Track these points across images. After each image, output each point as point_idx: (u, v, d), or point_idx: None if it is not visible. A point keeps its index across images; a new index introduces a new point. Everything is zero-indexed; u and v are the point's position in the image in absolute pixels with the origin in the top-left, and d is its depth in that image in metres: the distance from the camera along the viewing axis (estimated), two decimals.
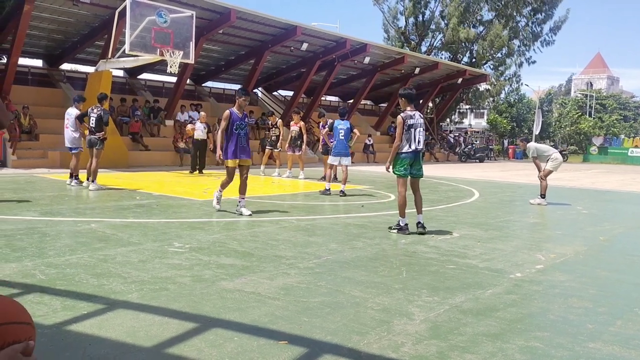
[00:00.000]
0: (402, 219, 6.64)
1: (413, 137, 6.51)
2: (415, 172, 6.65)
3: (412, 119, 6.51)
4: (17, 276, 4.14)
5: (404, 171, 6.58)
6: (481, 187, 13.43)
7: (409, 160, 6.55)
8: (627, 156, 35.04)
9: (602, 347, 3.14)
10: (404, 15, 34.69)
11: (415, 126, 6.51)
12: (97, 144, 10.32)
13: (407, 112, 6.58)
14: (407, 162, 6.54)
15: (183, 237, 5.87)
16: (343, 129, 11.06)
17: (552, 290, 4.34)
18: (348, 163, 11.01)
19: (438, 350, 3.01)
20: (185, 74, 18.82)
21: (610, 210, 10.13)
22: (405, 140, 6.52)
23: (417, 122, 6.53)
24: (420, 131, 6.55)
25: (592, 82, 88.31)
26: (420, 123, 6.57)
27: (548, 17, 35.32)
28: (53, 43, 19.20)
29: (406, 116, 6.52)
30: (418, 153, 6.57)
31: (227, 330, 3.19)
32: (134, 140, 18.13)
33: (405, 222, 6.63)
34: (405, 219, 6.63)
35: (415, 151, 6.54)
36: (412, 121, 6.51)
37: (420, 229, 6.55)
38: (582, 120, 48.49)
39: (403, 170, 6.58)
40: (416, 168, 6.64)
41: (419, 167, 6.65)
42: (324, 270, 4.68)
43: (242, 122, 7.61)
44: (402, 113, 6.60)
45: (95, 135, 10.32)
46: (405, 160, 6.55)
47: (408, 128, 6.49)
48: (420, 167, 6.67)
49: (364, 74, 26.53)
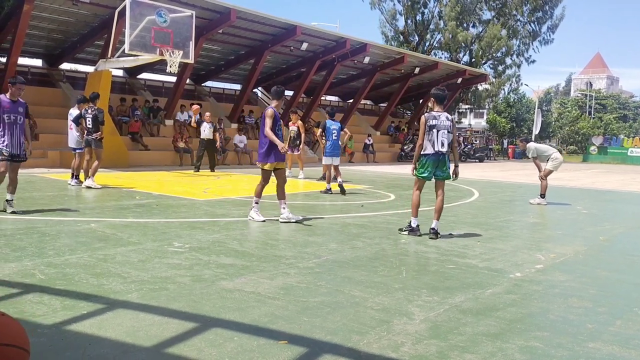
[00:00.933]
0: (414, 219, 6.51)
1: (435, 139, 6.30)
2: (440, 174, 6.42)
3: (435, 120, 6.31)
4: (16, 276, 4.14)
5: (425, 173, 6.42)
6: (481, 187, 13.42)
7: (431, 163, 6.35)
8: (627, 156, 35.05)
9: (602, 347, 3.14)
10: (402, 16, 34.72)
11: (438, 127, 6.30)
12: (94, 144, 10.37)
13: (431, 112, 6.42)
14: (429, 164, 6.36)
15: (183, 237, 5.87)
16: (336, 129, 11.19)
17: (552, 290, 4.34)
18: (338, 162, 11.13)
19: (438, 350, 3.00)
20: (185, 73, 18.81)
21: (610, 210, 10.13)
22: (428, 141, 6.33)
23: (442, 123, 6.31)
24: (444, 133, 6.30)
25: (591, 82, 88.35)
26: (446, 125, 6.33)
27: (547, 17, 35.38)
28: (53, 43, 19.19)
29: (429, 117, 6.34)
30: (441, 155, 6.33)
31: (227, 330, 3.19)
32: (134, 140, 18.13)
33: (417, 222, 6.51)
34: (416, 219, 6.51)
35: (437, 153, 6.31)
36: (435, 122, 6.30)
37: (432, 235, 6.32)
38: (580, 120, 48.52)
39: (424, 172, 6.42)
40: (441, 170, 6.40)
41: (443, 168, 6.40)
42: (323, 270, 4.68)
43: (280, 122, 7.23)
44: (426, 113, 6.43)
45: (92, 135, 10.36)
46: (427, 163, 6.37)
47: (429, 129, 6.30)
48: (445, 169, 6.40)
49: (363, 73, 26.52)
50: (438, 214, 6.42)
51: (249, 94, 23.06)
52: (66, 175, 11.49)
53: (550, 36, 36.22)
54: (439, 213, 6.43)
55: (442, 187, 6.53)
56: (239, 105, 22.45)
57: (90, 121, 10.39)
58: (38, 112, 17.18)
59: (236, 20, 17.61)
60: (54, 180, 11.89)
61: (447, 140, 6.35)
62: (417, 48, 33.83)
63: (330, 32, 22.53)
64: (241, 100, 22.42)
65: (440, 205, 6.45)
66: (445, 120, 6.36)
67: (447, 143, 6.36)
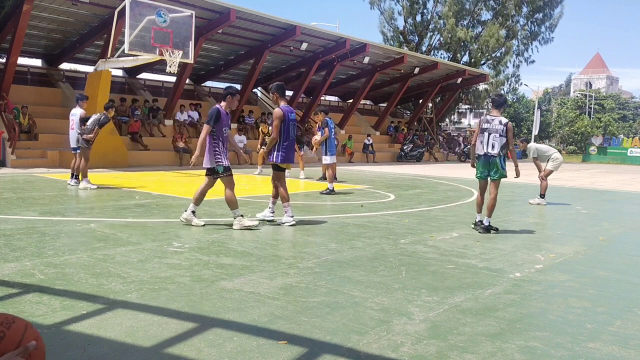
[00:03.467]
0: (478, 215, 7.01)
1: (486, 141, 6.73)
2: (492, 174, 6.85)
3: (487, 124, 6.76)
4: (16, 276, 4.14)
5: (478, 173, 6.95)
6: None
7: (482, 164, 6.85)
8: (627, 156, 35.06)
9: (602, 347, 3.14)
10: (402, 16, 34.73)
11: (490, 131, 6.72)
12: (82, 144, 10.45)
13: (486, 116, 6.85)
14: (480, 164, 6.87)
15: (182, 237, 5.87)
16: (333, 128, 11.33)
17: (552, 290, 4.34)
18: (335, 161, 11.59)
19: (437, 350, 3.00)
20: (184, 73, 18.82)
21: (610, 210, 10.13)
22: (479, 142, 6.80)
23: (493, 127, 6.74)
24: (495, 136, 6.72)
25: (591, 82, 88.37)
26: (497, 129, 6.70)
27: (547, 17, 35.39)
28: (52, 43, 19.19)
29: (483, 120, 6.82)
30: (490, 157, 6.76)
31: (226, 330, 3.19)
32: (134, 140, 18.13)
33: (479, 218, 6.96)
34: (479, 215, 6.97)
35: (486, 155, 6.76)
36: (487, 125, 6.75)
37: (479, 230, 6.81)
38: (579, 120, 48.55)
39: (476, 172, 6.97)
40: (493, 171, 6.83)
41: (495, 169, 6.82)
42: (323, 270, 4.68)
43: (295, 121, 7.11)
44: (482, 116, 6.94)
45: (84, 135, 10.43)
46: (479, 163, 6.89)
47: (482, 131, 6.75)
48: (496, 170, 6.81)
49: (363, 73, 26.53)
50: (489, 211, 6.85)
51: (248, 94, 23.06)
52: (66, 175, 11.49)
53: (549, 35, 36.25)
54: (490, 210, 6.85)
55: (495, 187, 6.94)
56: (238, 105, 22.45)
57: (90, 122, 10.43)
58: (37, 112, 17.22)
59: (236, 20, 17.61)
60: (54, 180, 11.89)
61: (498, 143, 6.73)
62: (416, 48, 33.83)
63: (330, 32, 22.53)
64: (241, 100, 22.41)
65: (491, 204, 6.85)
66: (498, 124, 6.74)
67: (498, 146, 6.73)
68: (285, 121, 6.84)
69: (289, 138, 6.91)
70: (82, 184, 10.30)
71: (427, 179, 15.59)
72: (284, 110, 6.83)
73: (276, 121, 6.79)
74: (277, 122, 6.79)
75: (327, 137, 11.48)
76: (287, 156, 6.93)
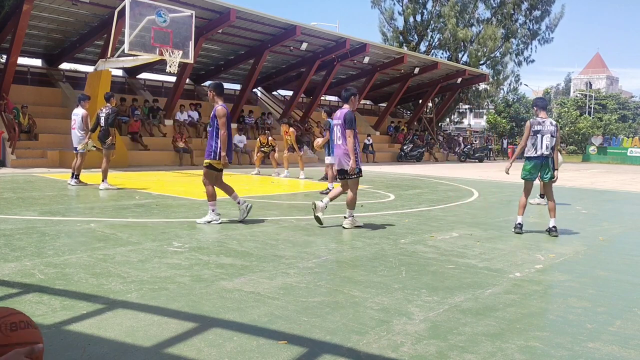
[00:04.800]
0: (519, 217, 7.04)
1: (539, 143, 6.83)
2: (544, 176, 6.96)
3: (539, 125, 6.85)
4: (16, 276, 4.14)
5: (527, 175, 6.99)
6: (480, 187, 13.43)
7: (534, 165, 6.91)
8: (627, 156, 35.06)
9: (602, 347, 3.14)
10: (402, 16, 34.72)
11: (542, 132, 6.83)
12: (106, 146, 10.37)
13: (537, 118, 6.97)
14: (531, 165, 6.91)
15: (182, 237, 5.87)
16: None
17: (552, 290, 4.34)
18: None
19: (437, 350, 3.00)
20: (184, 73, 18.83)
21: (610, 210, 10.13)
22: (531, 144, 6.89)
23: (546, 129, 6.83)
24: (548, 137, 6.82)
25: (591, 82, 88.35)
26: (550, 130, 6.83)
27: (545, 15, 35.37)
28: (52, 42, 19.19)
29: (534, 122, 6.91)
30: (545, 158, 6.87)
31: (226, 330, 3.19)
32: (133, 140, 18.13)
33: (519, 221, 6.98)
34: (519, 217, 7.00)
35: (541, 156, 6.85)
36: (540, 127, 6.84)
37: (553, 234, 6.79)
38: (580, 120, 48.54)
39: (525, 174, 6.99)
40: (544, 172, 6.93)
41: (546, 171, 6.92)
42: (323, 269, 4.68)
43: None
44: (531, 119, 7.02)
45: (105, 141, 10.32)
46: (529, 164, 6.93)
47: (534, 133, 6.85)
48: (547, 170, 6.92)
49: (363, 73, 26.53)
50: (553, 212, 6.95)
51: (248, 94, 23.06)
52: (66, 175, 11.48)
53: (549, 35, 36.23)
54: (553, 212, 6.96)
55: (550, 188, 7.04)
56: (238, 105, 22.45)
57: (102, 122, 10.35)
58: (37, 112, 17.22)
59: (236, 20, 17.61)
60: (54, 180, 11.89)
61: (550, 144, 6.87)
62: (416, 48, 33.84)
63: (329, 32, 22.54)
64: (241, 100, 22.43)
65: (552, 206, 6.98)
66: (550, 125, 6.89)
67: (551, 147, 6.87)
68: (227, 119, 6.81)
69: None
70: (103, 185, 10.17)
71: (427, 179, 15.58)
72: (226, 108, 6.84)
73: (223, 119, 6.71)
74: (224, 120, 6.72)
75: (327, 140, 11.44)
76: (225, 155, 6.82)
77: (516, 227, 6.98)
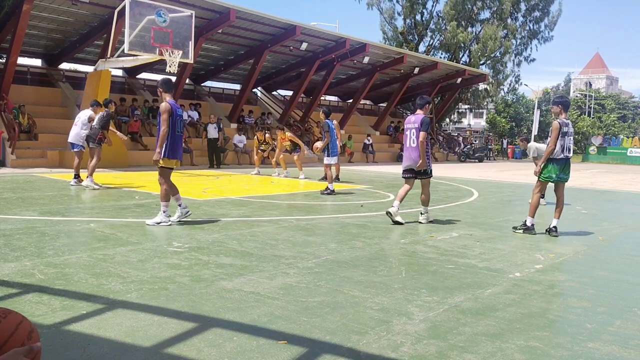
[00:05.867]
0: (530, 219, 6.94)
1: (566, 144, 6.80)
2: (563, 176, 6.90)
3: (566, 127, 6.81)
4: (16, 276, 4.14)
5: (553, 176, 6.87)
6: (480, 187, 13.43)
7: (558, 166, 6.81)
8: (627, 156, 35.06)
9: (601, 347, 3.14)
10: (402, 16, 34.72)
11: (569, 134, 6.83)
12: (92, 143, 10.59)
13: (562, 119, 6.86)
14: (556, 168, 6.81)
15: (182, 237, 5.87)
16: (334, 128, 11.37)
17: (551, 290, 4.34)
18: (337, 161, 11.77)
19: (437, 350, 3.00)
20: (184, 73, 18.82)
21: (610, 210, 10.13)
22: (560, 146, 6.79)
23: (570, 130, 6.85)
24: (571, 139, 6.86)
25: (591, 82, 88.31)
26: (572, 131, 6.89)
27: (544, 15, 35.40)
28: (52, 42, 19.18)
29: (562, 123, 6.79)
30: (567, 160, 6.86)
31: (226, 330, 3.19)
32: (133, 139, 18.13)
33: (533, 222, 6.93)
34: (533, 219, 6.93)
35: (567, 158, 6.84)
36: (567, 129, 6.81)
37: (553, 234, 6.77)
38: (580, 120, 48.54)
39: (551, 175, 6.87)
40: (564, 173, 6.89)
41: (567, 171, 6.90)
42: (323, 269, 4.68)
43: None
44: (558, 119, 6.87)
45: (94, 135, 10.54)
46: (556, 167, 6.82)
47: (563, 135, 6.77)
48: (568, 171, 6.90)
49: (363, 73, 26.52)
50: (559, 214, 6.91)
51: (248, 94, 23.06)
52: (66, 175, 11.47)
53: (549, 34, 36.25)
54: (559, 213, 6.92)
55: (563, 189, 7.02)
56: (238, 105, 22.45)
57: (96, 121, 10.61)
58: (37, 112, 17.23)
59: (236, 20, 17.61)
60: (54, 180, 11.89)
61: (572, 145, 6.91)
62: (416, 48, 33.83)
63: (329, 32, 22.53)
64: (241, 100, 22.42)
65: (561, 207, 6.98)
66: (572, 127, 6.94)
67: (572, 147, 6.92)
68: (172, 116, 6.71)
69: (175, 134, 6.75)
70: (86, 182, 10.28)
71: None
72: (171, 104, 6.73)
73: (165, 115, 6.63)
74: (166, 116, 6.63)
75: (327, 143, 11.41)
76: (174, 152, 6.76)
77: (529, 229, 6.87)
